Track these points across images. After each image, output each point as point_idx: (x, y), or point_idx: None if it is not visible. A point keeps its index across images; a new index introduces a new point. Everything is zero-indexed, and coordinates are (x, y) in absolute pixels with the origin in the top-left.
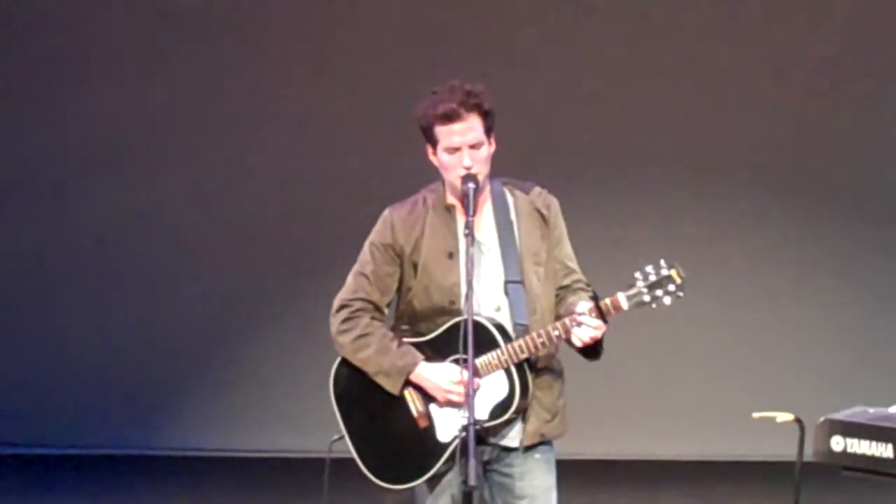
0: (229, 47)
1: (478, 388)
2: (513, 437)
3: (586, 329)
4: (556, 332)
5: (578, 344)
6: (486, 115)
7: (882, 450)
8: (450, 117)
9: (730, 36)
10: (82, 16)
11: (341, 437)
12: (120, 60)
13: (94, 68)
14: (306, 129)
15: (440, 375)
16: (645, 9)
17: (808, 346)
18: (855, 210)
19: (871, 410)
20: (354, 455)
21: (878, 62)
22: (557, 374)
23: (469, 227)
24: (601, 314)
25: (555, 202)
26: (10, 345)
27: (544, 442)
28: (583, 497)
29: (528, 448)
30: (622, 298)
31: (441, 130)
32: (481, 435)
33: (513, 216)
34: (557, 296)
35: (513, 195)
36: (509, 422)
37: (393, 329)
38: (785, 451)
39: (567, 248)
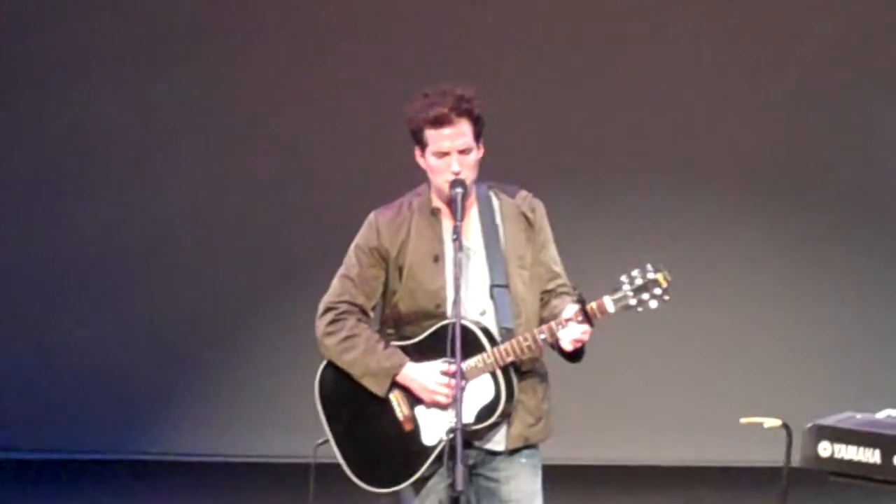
0: (229, 49)
1: (464, 389)
2: (498, 441)
3: (572, 332)
4: (542, 336)
5: (567, 348)
6: (476, 121)
7: (869, 455)
8: (441, 121)
9: (719, 40)
10: (84, 17)
11: (326, 441)
12: (119, 63)
13: (91, 71)
14: (304, 135)
15: (426, 376)
16: (634, 14)
17: (796, 351)
18: (843, 216)
19: (859, 416)
20: (339, 458)
21: (866, 66)
22: (542, 377)
23: (457, 232)
24: (587, 318)
25: (540, 206)
26: (2, 350)
27: (530, 446)
28: (569, 502)
29: (513, 452)
30: (608, 302)
31: (431, 134)
32: (467, 438)
33: (498, 220)
34: (542, 299)
35: (498, 199)
36: (494, 425)
37: (378, 333)
38: (772, 456)
39: (552, 252)
